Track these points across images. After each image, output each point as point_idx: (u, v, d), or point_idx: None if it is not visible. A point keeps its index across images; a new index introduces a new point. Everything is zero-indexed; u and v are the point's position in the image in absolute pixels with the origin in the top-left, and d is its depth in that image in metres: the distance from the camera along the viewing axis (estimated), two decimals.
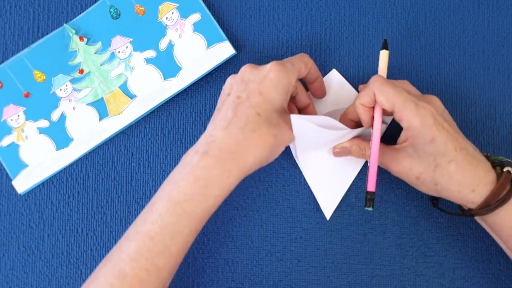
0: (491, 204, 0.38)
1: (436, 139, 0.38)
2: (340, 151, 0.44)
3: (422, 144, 0.39)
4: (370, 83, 0.41)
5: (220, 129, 0.38)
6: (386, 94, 0.39)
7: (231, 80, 0.42)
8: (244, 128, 0.38)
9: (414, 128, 0.39)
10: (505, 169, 0.39)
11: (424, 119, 0.38)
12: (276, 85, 0.39)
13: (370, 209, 0.40)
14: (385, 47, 0.43)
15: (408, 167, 0.40)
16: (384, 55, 0.43)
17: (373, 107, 0.41)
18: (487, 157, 0.41)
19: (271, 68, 0.40)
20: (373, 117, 0.41)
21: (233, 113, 0.38)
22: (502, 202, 0.38)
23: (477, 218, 0.42)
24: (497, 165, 0.40)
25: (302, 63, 0.42)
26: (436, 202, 0.46)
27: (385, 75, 0.42)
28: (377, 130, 0.41)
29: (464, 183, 0.39)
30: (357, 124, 0.44)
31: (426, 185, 0.40)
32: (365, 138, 0.44)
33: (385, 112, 0.42)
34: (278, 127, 0.39)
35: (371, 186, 0.40)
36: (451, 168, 0.38)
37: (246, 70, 0.41)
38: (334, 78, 0.48)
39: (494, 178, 0.39)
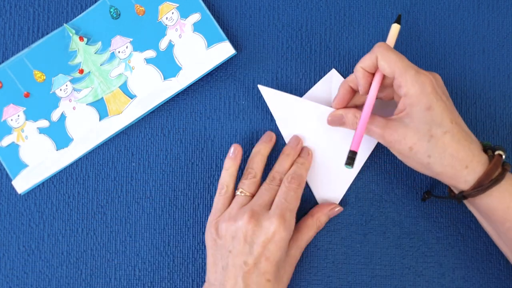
0: (484, 183, 0.38)
1: (433, 107, 0.38)
2: (333, 119, 0.44)
3: (419, 112, 0.38)
4: (374, 48, 0.40)
5: None
6: (388, 59, 0.39)
7: (230, 231, 0.41)
8: None
9: (412, 95, 0.38)
10: (496, 152, 0.39)
11: (423, 85, 0.38)
12: (281, 246, 0.40)
13: (350, 167, 0.40)
14: (397, 21, 0.43)
15: (402, 136, 0.39)
16: (394, 28, 0.43)
17: (373, 74, 0.41)
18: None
19: (276, 230, 0.40)
20: (371, 83, 0.41)
21: (244, 282, 0.39)
22: (495, 181, 0.38)
23: (467, 204, 0.42)
24: (488, 149, 0.40)
25: (299, 198, 0.43)
26: (428, 195, 0.45)
27: (391, 46, 0.42)
28: (373, 96, 0.41)
29: (458, 157, 0.38)
30: (353, 94, 0.44)
31: (419, 157, 0.39)
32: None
33: (383, 83, 0.42)
34: (283, 274, 0.42)
35: (355, 145, 0.40)
36: (446, 139, 0.38)
37: (247, 228, 0.40)
38: (334, 78, 0.48)
39: (486, 159, 0.38)
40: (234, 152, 0.45)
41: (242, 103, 0.48)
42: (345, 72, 0.48)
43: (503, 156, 0.39)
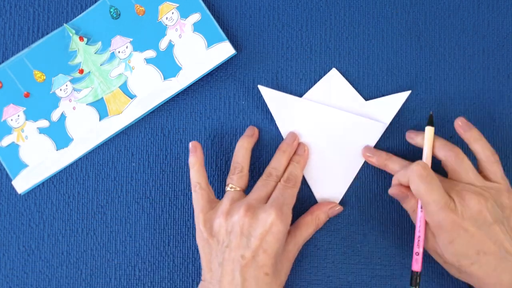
0: None
1: (454, 241, 0.38)
2: (396, 194, 0.43)
3: (443, 243, 0.39)
4: (409, 169, 0.40)
5: None
6: (417, 189, 0.39)
7: (225, 226, 0.40)
8: None
9: (435, 225, 0.39)
10: None
11: (443, 223, 0.38)
12: (279, 238, 0.40)
13: None
14: (430, 123, 0.43)
15: (436, 253, 0.41)
16: (428, 132, 0.42)
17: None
18: None
19: (273, 222, 0.39)
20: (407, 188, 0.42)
21: (242, 277, 0.38)
22: None
23: None
24: None
25: (296, 189, 0.43)
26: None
27: (429, 161, 0.42)
28: (422, 221, 0.41)
29: (484, 282, 0.39)
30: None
31: (451, 272, 0.42)
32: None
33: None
34: (281, 268, 0.41)
35: (416, 265, 0.41)
36: (472, 269, 0.39)
37: (244, 221, 0.39)
38: (334, 78, 0.48)
39: None
40: (194, 148, 0.44)
41: (242, 103, 0.48)
42: (345, 72, 0.48)
43: None
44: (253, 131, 0.47)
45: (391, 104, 0.46)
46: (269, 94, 0.47)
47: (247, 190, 0.44)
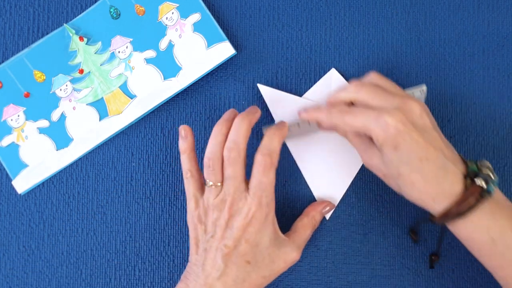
0: (449, 215, 0.38)
1: (399, 147, 0.38)
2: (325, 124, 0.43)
3: (387, 152, 0.39)
4: (331, 116, 0.41)
5: (215, 279, 0.40)
6: (348, 124, 0.40)
7: (211, 217, 0.41)
8: (236, 280, 0.41)
9: (378, 138, 0.39)
10: (477, 183, 0.38)
11: (386, 130, 0.38)
12: (260, 228, 0.41)
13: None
14: None
15: (376, 165, 0.41)
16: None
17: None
18: (466, 165, 0.40)
19: (253, 215, 0.40)
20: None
21: (224, 263, 0.40)
22: (458, 215, 0.37)
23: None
24: (469, 176, 0.39)
25: (273, 175, 0.42)
26: (415, 236, 0.46)
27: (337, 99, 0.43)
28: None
29: (426, 192, 0.38)
30: None
31: (391, 185, 0.41)
32: None
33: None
34: (270, 263, 0.42)
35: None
36: (413, 178, 0.38)
37: (229, 214, 0.41)
38: (333, 78, 0.48)
39: (460, 191, 0.38)
40: (185, 134, 0.43)
41: (242, 103, 0.48)
42: (345, 72, 0.48)
43: (484, 186, 0.38)
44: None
45: None
46: (268, 93, 0.47)
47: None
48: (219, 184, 0.42)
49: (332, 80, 0.48)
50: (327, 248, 0.47)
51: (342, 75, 0.48)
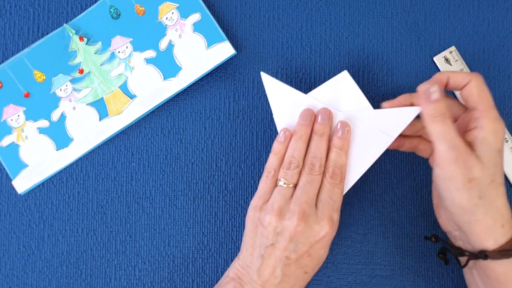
0: (511, 249, 0.37)
1: (501, 152, 0.37)
2: (431, 92, 0.40)
3: (491, 151, 0.37)
4: (471, 74, 0.40)
5: (272, 285, 0.40)
6: (482, 91, 0.39)
7: (275, 225, 0.40)
8: (293, 287, 0.40)
9: (489, 133, 0.37)
10: None
11: (500, 129, 0.38)
12: (326, 245, 0.40)
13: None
14: None
15: (472, 164, 0.37)
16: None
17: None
18: None
19: (325, 234, 0.40)
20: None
21: (283, 272, 0.39)
22: None
23: (469, 270, 0.41)
24: None
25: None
26: (443, 256, 0.45)
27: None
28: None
29: (501, 212, 0.37)
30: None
31: (471, 193, 0.37)
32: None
33: (411, 130, 0.43)
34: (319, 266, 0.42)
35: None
36: (500, 190, 0.37)
37: (297, 230, 0.39)
38: (344, 80, 0.45)
39: None
40: (284, 136, 0.43)
41: (242, 103, 0.48)
42: None
43: None
44: (311, 118, 0.43)
45: (400, 118, 0.42)
46: (271, 84, 0.45)
47: None
48: (291, 185, 0.41)
49: (343, 82, 0.45)
50: None
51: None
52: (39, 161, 0.47)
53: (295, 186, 0.41)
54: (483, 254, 0.37)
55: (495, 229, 0.37)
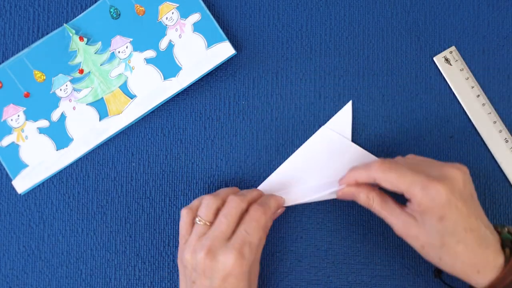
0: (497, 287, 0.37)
1: (445, 217, 0.37)
2: (344, 194, 0.43)
3: (431, 221, 0.37)
4: (371, 169, 0.40)
5: None
6: (390, 181, 0.39)
7: (191, 263, 0.39)
8: None
9: (424, 207, 0.37)
10: None
11: (433, 199, 0.37)
12: (242, 278, 0.38)
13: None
14: None
15: (415, 234, 0.39)
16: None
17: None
18: (498, 232, 0.39)
19: (232, 267, 0.38)
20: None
21: None
22: (509, 286, 0.37)
23: None
24: (506, 246, 0.38)
25: (264, 232, 0.41)
26: (438, 273, 0.45)
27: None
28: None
29: (470, 264, 0.37)
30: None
31: (430, 256, 0.39)
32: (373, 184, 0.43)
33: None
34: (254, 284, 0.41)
35: None
36: (458, 249, 0.37)
37: (205, 264, 0.38)
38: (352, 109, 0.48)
39: (502, 262, 0.37)
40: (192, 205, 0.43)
41: (242, 103, 0.48)
42: (345, 72, 0.48)
43: None
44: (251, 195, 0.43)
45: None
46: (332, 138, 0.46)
47: None
48: (208, 223, 0.41)
49: (351, 111, 0.48)
50: (327, 248, 0.47)
51: (342, 75, 0.48)
52: (39, 161, 0.47)
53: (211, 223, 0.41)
54: None
55: (472, 276, 0.38)
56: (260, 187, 0.46)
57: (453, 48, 0.48)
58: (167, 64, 0.47)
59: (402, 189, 0.38)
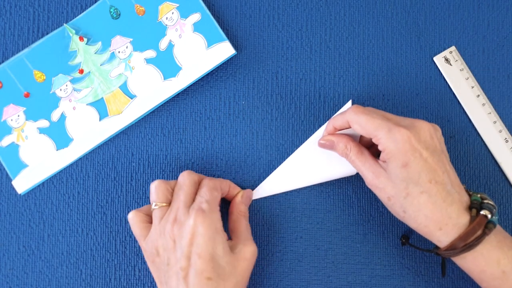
0: (457, 247, 0.37)
1: (409, 164, 0.37)
2: (324, 144, 0.44)
3: (395, 168, 0.38)
4: (346, 113, 0.41)
5: None
6: (359, 122, 0.39)
7: (162, 245, 0.40)
8: None
9: (389, 151, 0.38)
10: (481, 212, 0.37)
11: (397, 143, 0.37)
12: (209, 237, 0.38)
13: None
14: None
15: (382, 185, 0.39)
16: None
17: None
18: (469, 195, 0.39)
19: (195, 223, 0.38)
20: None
21: (186, 287, 0.38)
22: (468, 247, 0.37)
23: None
24: (474, 207, 0.38)
25: (217, 192, 0.42)
26: (406, 240, 0.45)
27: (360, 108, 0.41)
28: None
29: (432, 218, 0.37)
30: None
31: (395, 209, 0.39)
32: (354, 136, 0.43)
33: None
34: (233, 270, 0.39)
35: None
36: (421, 199, 0.37)
37: (173, 232, 0.39)
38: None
39: (466, 221, 0.37)
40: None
41: (242, 103, 0.48)
42: (345, 72, 0.48)
43: (489, 216, 0.37)
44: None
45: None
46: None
47: None
48: (164, 204, 0.41)
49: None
50: (327, 248, 0.47)
51: (342, 75, 0.48)
52: (39, 161, 0.47)
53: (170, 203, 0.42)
54: (435, 252, 0.40)
55: (434, 233, 0.38)
56: (260, 187, 0.47)
57: (453, 48, 0.48)
58: (167, 64, 0.47)
59: (370, 132, 0.39)
